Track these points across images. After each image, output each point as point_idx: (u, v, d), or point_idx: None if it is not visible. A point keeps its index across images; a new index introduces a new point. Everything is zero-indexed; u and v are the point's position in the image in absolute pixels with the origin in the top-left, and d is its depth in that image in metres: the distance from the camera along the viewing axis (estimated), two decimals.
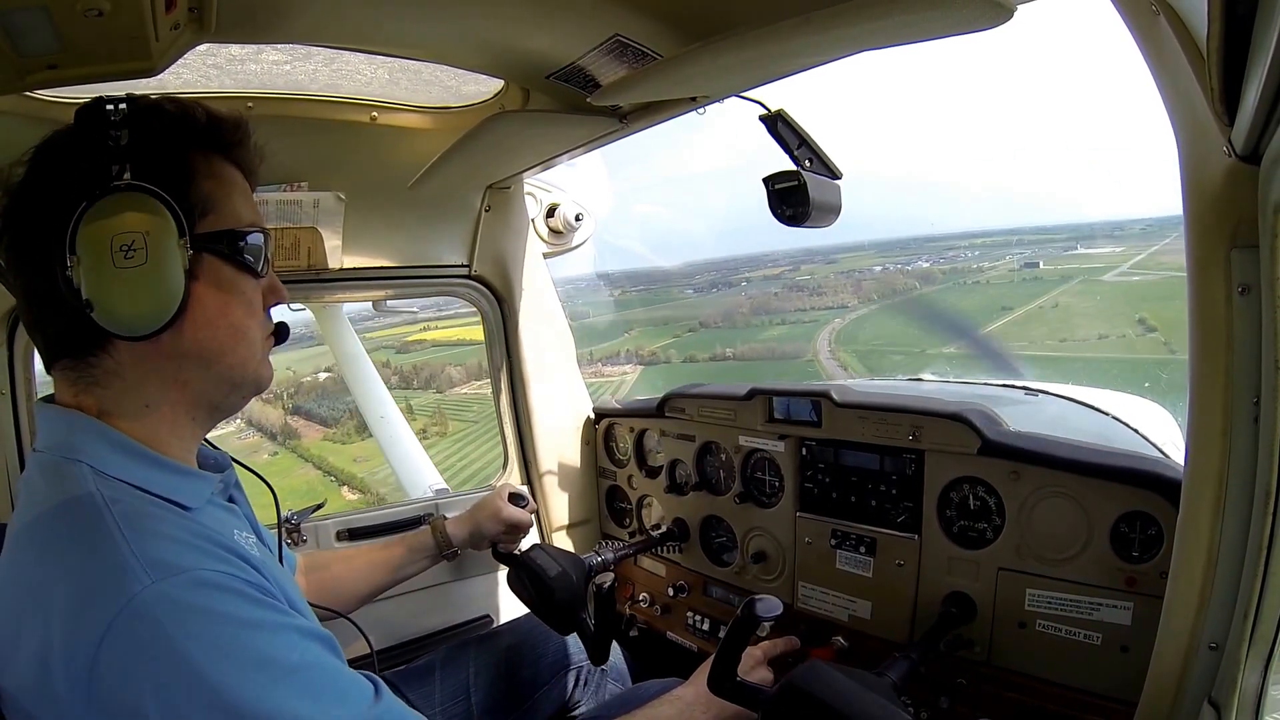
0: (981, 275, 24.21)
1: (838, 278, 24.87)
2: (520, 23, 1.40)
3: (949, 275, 24.76)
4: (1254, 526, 0.92)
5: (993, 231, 21.49)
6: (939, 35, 1.07)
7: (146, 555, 0.78)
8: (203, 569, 0.80)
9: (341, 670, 0.89)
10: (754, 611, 1.27)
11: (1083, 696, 1.38)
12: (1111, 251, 20.88)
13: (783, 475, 1.92)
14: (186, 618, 0.76)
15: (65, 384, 0.94)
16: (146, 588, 0.76)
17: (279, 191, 1.96)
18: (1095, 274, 20.18)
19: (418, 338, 22.58)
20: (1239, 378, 0.92)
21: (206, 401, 1.00)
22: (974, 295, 23.28)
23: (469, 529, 1.92)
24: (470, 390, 21.74)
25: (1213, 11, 0.67)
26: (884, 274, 24.98)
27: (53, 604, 0.77)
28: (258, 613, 0.82)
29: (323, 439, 20.51)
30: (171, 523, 0.86)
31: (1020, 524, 1.47)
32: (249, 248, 0.99)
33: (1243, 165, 0.85)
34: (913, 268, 25.01)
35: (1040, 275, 22.50)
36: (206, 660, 0.76)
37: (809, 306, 24.18)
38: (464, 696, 1.78)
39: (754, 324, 23.96)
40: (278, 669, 0.80)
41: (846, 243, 23.22)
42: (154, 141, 0.91)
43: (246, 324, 0.99)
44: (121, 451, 0.90)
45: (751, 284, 25.80)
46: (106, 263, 0.85)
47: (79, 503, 0.83)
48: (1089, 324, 18.31)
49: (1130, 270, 19.10)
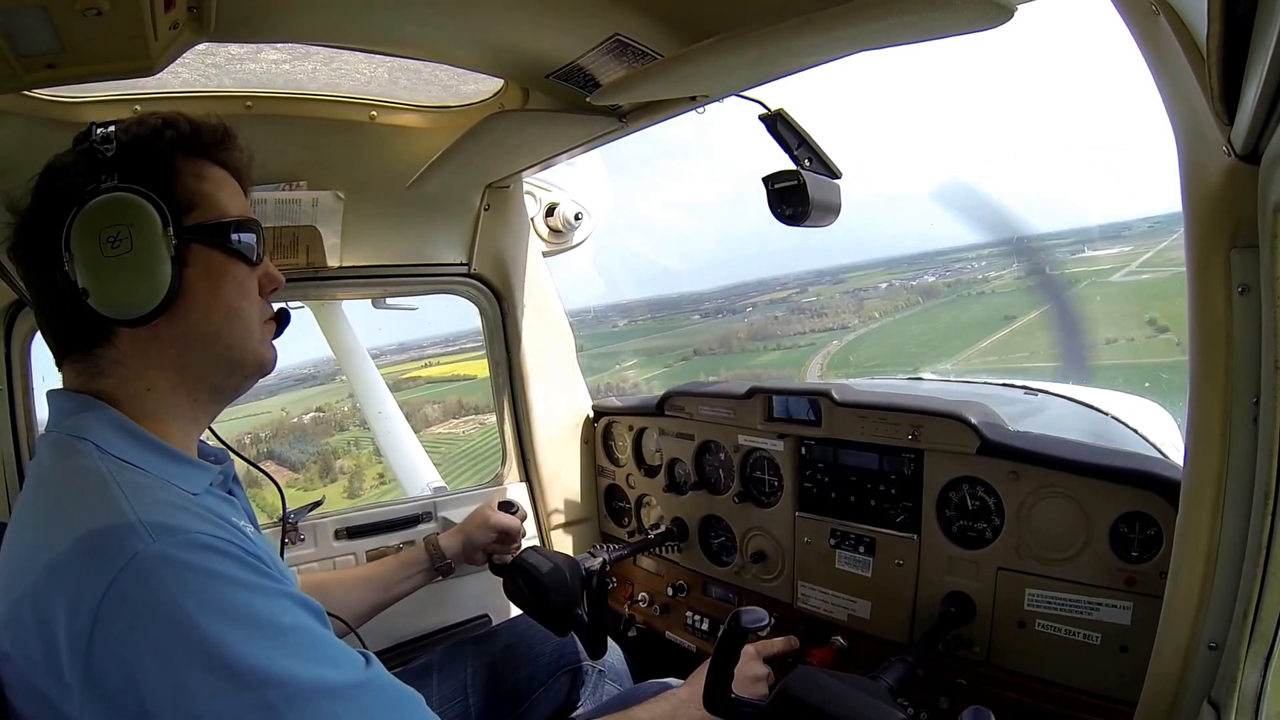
0: (987, 285, 23.96)
1: (842, 298, 24.59)
2: (520, 22, 1.40)
3: (953, 288, 24.52)
4: (1253, 526, 0.92)
5: (998, 241, 21.26)
6: (940, 35, 1.07)
7: (149, 518, 0.81)
8: (202, 532, 0.83)
9: (332, 639, 0.90)
10: (740, 624, 1.28)
11: (1082, 696, 1.38)
12: (1120, 252, 20.62)
13: (782, 475, 1.92)
14: (185, 576, 0.79)
15: (73, 374, 1.00)
16: (148, 546, 0.79)
17: (278, 190, 1.96)
18: (1103, 275, 19.91)
19: (415, 374, 22.19)
20: (1238, 378, 0.92)
21: (207, 384, 1.04)
22: (977, 306, 23.04)
23: (461, 540, 1.92)
24: (444, 430, 21.24)
25: (1213, 11, 0.67)
26: (888, 291, 24.77)
27: (56, 563, 0.80)
28: (253, 576, 0.84)
29: (287, 483, 20.33)
30: (173, 493, 0.90)
31: (1020, 524, 1.47)
32: (239, 237, 1.03)
33: (1242, 165, 0.85)
34: (918, 283, 24.82)
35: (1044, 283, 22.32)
36: (204, 617, 0.78)
37: (808, 329, 23.74)
38: (461, 697, 1.78)
39: (749, 349, 23.47)
40: (272, 628, 0.82)
41: (856, 262, 22.97)
42: (139, 149, 0.98)
43: (240, 305, 1.04)
44: (125, 434, 0.94)
45: (757, 309, 25.50)
46: (96, 253, 0.92)
47: (84, 470, 0.87)
48: (1095, 328, 17.58)
49: (1139, 269, 18.85)
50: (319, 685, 0.83)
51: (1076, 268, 20.67)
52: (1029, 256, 20.41)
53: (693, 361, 23.14)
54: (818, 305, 24.81)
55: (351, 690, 0.85)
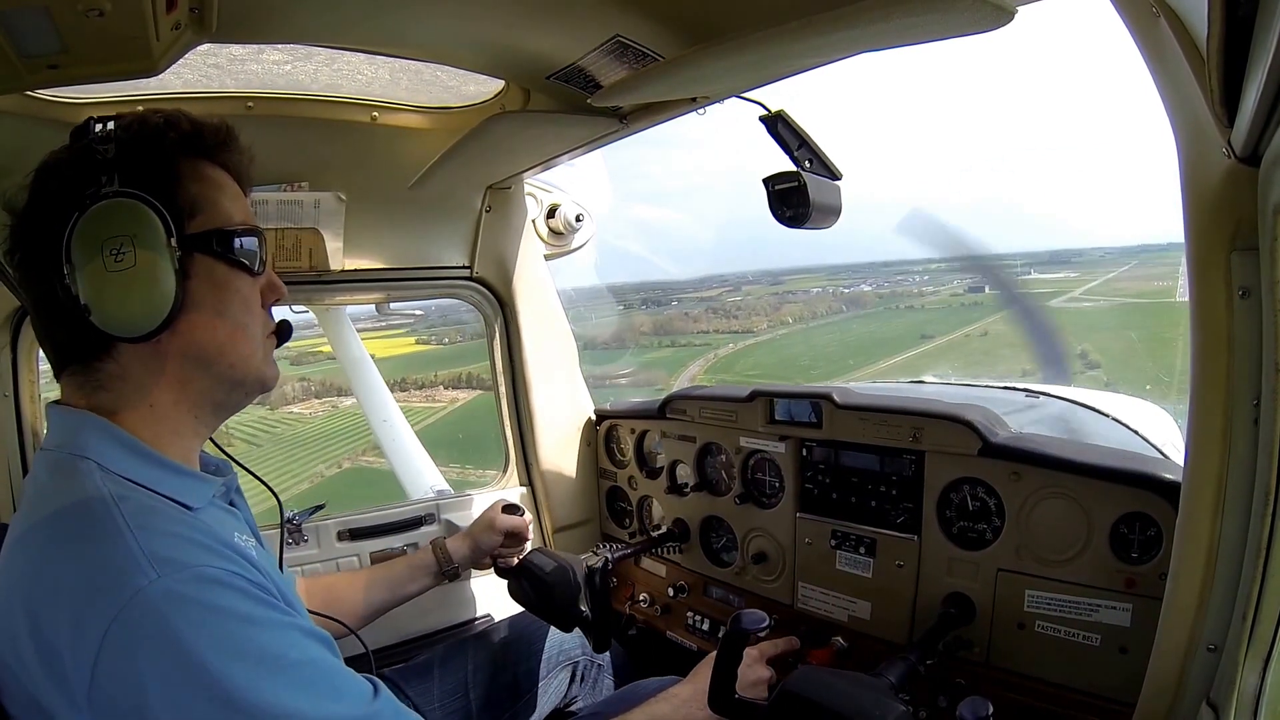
0: (919, 300, 23.33)
1: (770, 300, 23.95)
2: (521, 23, 1.40)
3: (885, 299, 23.94)
4: (1253, 528, 0.92)
5: (951, 257, 20.58)
6: (940, 37, 1.07)
7: (153, 551, 0.80)
8: (207, 566, 0.82)
9: (339, 669, 0.90)
10: (741, 625, 1.28)
11: (1081, 697, 1.38)
12: (1065, 277, 20.08)
13: (783, 476, 1.92)
14: (190, 611, 0.78)
15: (73, 388, 0.97)
16: (152, 582, 0.78)
17: (279, 191, 1.96)
18: (1041, 299, 19.20)
19: (320, 350, 21.00)
20: (1239, 380, 0.92)
21: (209, 401, 1.02)
22: (900, 320, 22.43)
23: (469, 545, 1.92)
24: (300, 408, 20.19)
25: (1213, 13, 0.67)
26: (816, 297, 24.20)
27: (60, 596, 0.79)
28: (259, 610, 0.83)
29: None
30: (176, 520, 0.88)
31: (1020, 525, 1.47)
32: (241, 246, 1.00)
33: (1242, 167, 0.85)
34: (850, 291, 24.27)
35: (982, 300, 21.60)
36: (208, 653, 0.77)
37: (712, 330, 23.13)
38: (462, 693, 1.79)
39: (641, 345, 22.50)
40: (277, 664, 0.82)
41: (801, 265, 22.50)
42: (139, 151, 0.95)
43: (244, 320, 1.01)
44: (127, 450, 0.92)
45: (682, 304, 24.75)
46: (99, 267, 0.89)
47: (88, 499, 0.85)
48: (1015, 356, 15.36)
49: (1082, 296, 18.26)
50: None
51: (1016, 289, 20.05)
52: (986, 274, 19.97)
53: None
54: (736, 306, 24.25)
55: None
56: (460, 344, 20.65)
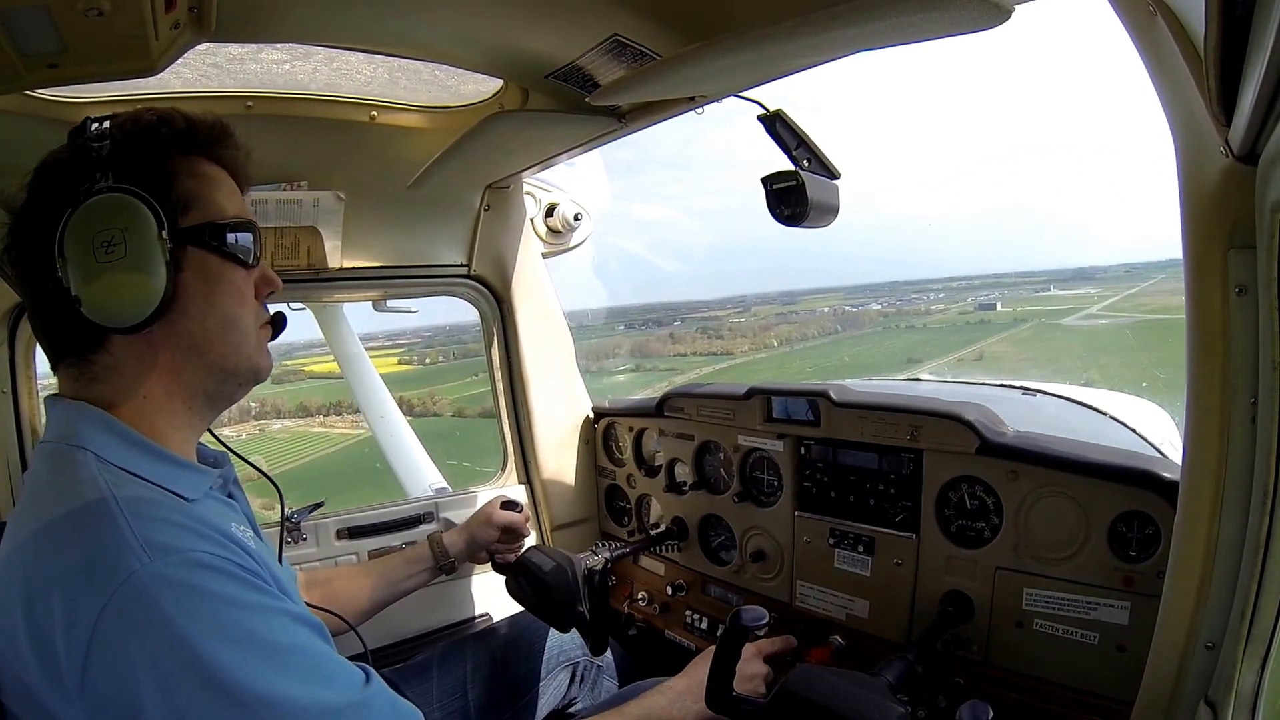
0: (922, 319, 22.54)
1: (773, 319, 23.32)
2: (519, 22, 1.40)
3: (888, 319, 23.26)
4: (1251, 526, 0.92)
5: (976, 275, 20.08)
6: (937, 36, 1.07)
7: (146, 537, 0.81)
8: (199, 551, 0.83)
9: (330, 656, 0.90)
10: (740, 622, 1.28)
11: (1080, 696, 1.39)
12: (1085, 293, 19.33)
13: (781, 474, 1.92)
14: (179, 595, 0.79)
15: (68, 381, 0.98)
16: (144, 566, 0.79)
17: (278, 190, 1.96)
18: (1055, 316, 18.50)
19: (298, 366, 19.76)
20: (1236, 378, 0.92)
21: (202, 391, 1.02)
22: (892, 342, 21.69)
23: (465, 539, 1.92)
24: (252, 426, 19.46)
25: (1211, 12, 0.68)
26: (817, 317, 23.68)
27: (55, 584, 0.79)
28: (249, 595, 0.84)
29: None
30: (171, 508, 0.89)
31: (1018, 523, 1.47)
32: (235, 239, 1.01)
33: (1240, 166, 0.86)
34: (857, 310, 23.71)
35: (990, 318, 20.87)
36: (199, 636, 0.78)
37: (687, 352, 22.55)
38: (461, 693, 1.79)
39: (605, 370, 22.01)
40: (267, 649, 0.82)
41: (821, 286, 22.02)
42: (133, 147, 0.96)
43: (236, 312, 1.02)
44: (124, 441, 0.93)
45: (684, 324, 24.30)
46: (89, 259, 0.90)
47: (84, 488, 0.86)
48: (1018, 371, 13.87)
49: (1099, 313, 17.55)
50: (316, 706, 0.83)
51: (1030, 305, 19.20)
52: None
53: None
54: (728, 328, 23.80)
55: (348, 710, 0.86)
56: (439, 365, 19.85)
